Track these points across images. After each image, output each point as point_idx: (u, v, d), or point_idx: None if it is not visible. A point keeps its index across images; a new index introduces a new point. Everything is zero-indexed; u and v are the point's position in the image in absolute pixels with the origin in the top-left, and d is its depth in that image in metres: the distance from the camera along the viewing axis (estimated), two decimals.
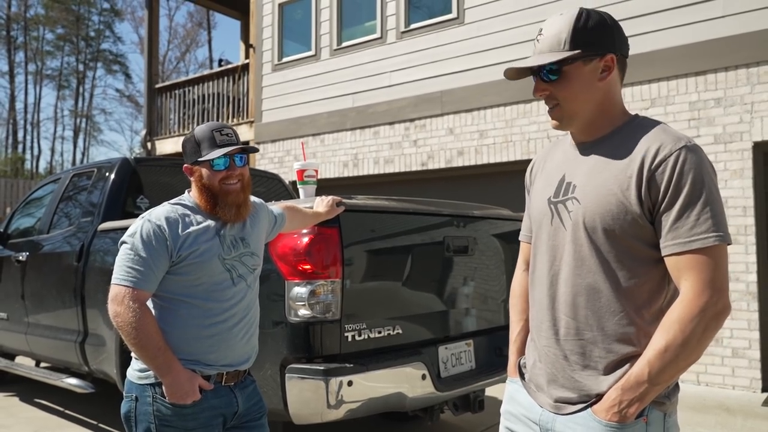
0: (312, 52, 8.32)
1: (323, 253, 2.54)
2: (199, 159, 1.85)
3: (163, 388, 1.74)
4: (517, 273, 1.66)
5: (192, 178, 1.92)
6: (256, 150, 1.95)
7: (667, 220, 1.25)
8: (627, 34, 5.43)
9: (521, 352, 1.57)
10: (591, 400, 1.31)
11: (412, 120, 7.29)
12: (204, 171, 1.87)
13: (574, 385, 1.34)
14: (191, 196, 1.93)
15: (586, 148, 1.41)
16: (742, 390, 4.98)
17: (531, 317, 1.50)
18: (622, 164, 1.30)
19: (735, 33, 5.15)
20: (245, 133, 9.24)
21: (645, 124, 1.36)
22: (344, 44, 8.00)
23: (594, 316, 1.32)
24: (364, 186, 7.90)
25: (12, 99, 34.40)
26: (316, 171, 2.75)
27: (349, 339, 2.57)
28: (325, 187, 8.18)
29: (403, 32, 7.40)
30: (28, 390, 5.19)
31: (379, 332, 2.68)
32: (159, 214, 1.84)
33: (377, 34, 7.65)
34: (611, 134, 1.37)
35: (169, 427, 1.75)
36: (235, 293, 1.88)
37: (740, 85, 5.13)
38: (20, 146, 35.02)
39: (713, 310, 1.22)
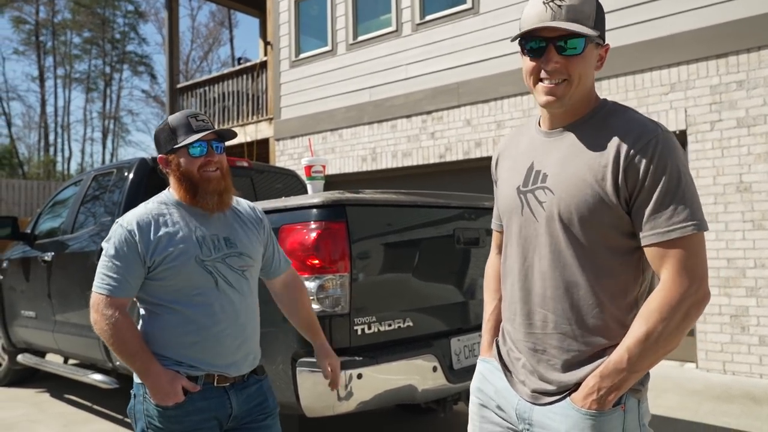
0: (328, 48, 8.35)
1: (331, 247, 2.56)
2: (176, 146, 1.77)
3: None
4: (490, 256, 1.66)
5: (168, 170, 1.83)
6: (234, 135, 1.87)
7: (646, 210, 1.24)
8: (645, 18, 5.36)
9: (495, 331, 1.56)
10: (568, 389, 1.31)
11: (429, 112, 7.27)
12: (182, 159, 1.78)
13: (551, 376, 1.33)
14: (170, 191, 1.85)
15: (555, 134, 1.37)
16: None
17: (504, 308, 1.48)
18: (595, 153, 1.28)
19: (757, 13, 5.01)
20: (265, 129, 9.33)
21: (615, 110, 1.34)
22: (360, 38, 8.00)
23: (571, 309, 1.31)
24: (382, 180, 7.92)
25: (43, 103, 35.23)
26: (324, 167, 2.77)
27: (359, 332, 2.59)
28: (343, 181, 8.24)
29: (419, 24, 7.38)
30: (58, 386, 5.34)
31: (389, 325, 2.69)
32: (131, 218, 1.77)
33: (393, 27, 7.63)
34: (583, 121, 1.34)
35: (157, 427, 1.71)
36: (219, 297, 1.77)
37: (763, 66, 4.99)
38: (51, 149, 35.87)
39: (693, 298, 1.22)
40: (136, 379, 1.78)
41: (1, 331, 5.19)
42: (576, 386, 1.29)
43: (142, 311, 1.82)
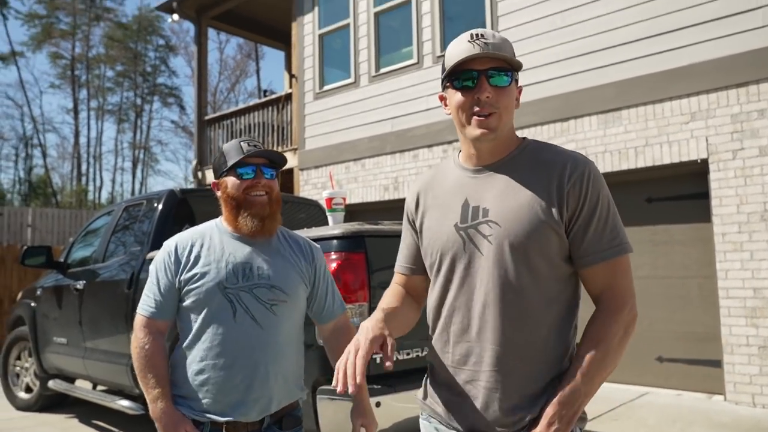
0: (351, 80, 8.54)
1: (351, 277, 2.63)
2: (226, 168, 1.77)
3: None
4: (388, 290, 1.58)
5: (218, 193, 1.83)
6: (284, 160, 1.83)
7: (586, 233, 1.31)
8: (665, 48, 5.42)
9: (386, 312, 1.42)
10: (525, 424, 1.29)
11: (450, 142, 7.37)
12: (230, 181, 1.78)
13: (511, 413, 1.30)
14: (221, 218, 1.85)
15: (485, 171, 1.39)
16: None
17: (441, 351, 1.41)
18: (536, 184, 1.32)
19: None
20: (290, 159, 9.51)
21: (541, 146, 1.41)
22: (382, 71, 8.18)
23: (525, 342, 1.30)
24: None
25: (76, 134, 36.34)
26: (344, 199, 2.87)
27: (378, 361, 2.64)
28: (366, 210, 8.34)
29: (439, 56, 7.52)
30: (86, 411, 5.46)
31: (408, 354, 2.74)
32: (174, 239, 1.79)
33: (414, 60, 7.80)
34: (511, 157, 1.38)
35: None
36: (234, 329, 1.69)
37: None
38: (84, 178, 36.86)
39: (630, 316, 1.30)
40: None
41: (34, 357, 5.34)
42: (533, 421, 1.28)
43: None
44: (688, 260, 5.64)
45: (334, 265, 2.64)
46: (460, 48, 1.34)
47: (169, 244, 1.80)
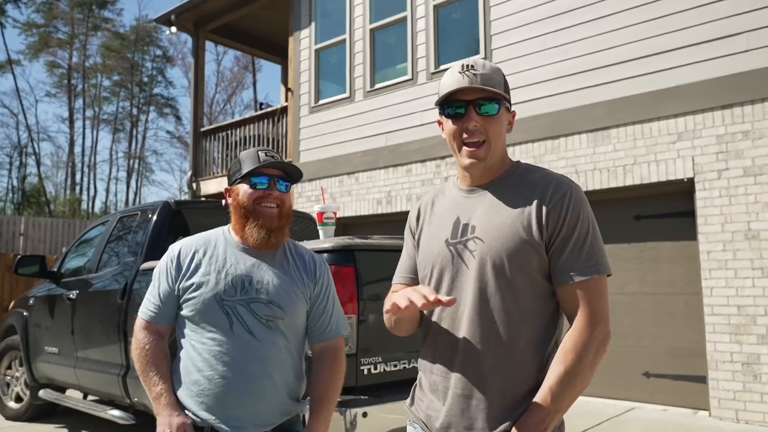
0: (347, 95, 8.65)
1: (341, 290, 2.70)
2: (240, 175, 1.75)
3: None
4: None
5: (230, 199, 1.80)
6: (300, 174, 1.82)
7: (563, 252, 1.36)
8: (653, 69, 5.59)
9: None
10: None
11: (443, 157, 7.47)
12: (242, 189, 1.75)
13: (485, 425, 1.35)
14: (229, 226, 1.83)
15: (477, 191, 1.48)
16: None
17: (429, 360, 1.49)
18: (520, 203, 1.40)
19: (760, 66, 5.17)
20: None
21: (531, 169, 1.49)
22: (377, 86, 8.30)
23: (502, 352, 1.36)
24: (397, 222, 8.07)
25: (71, 143, 36.36)
26: (335, 213, 2.94)
27: (365, 372, 2.71)
28: (359, 223, 8.41)
29: (433, 73, 7.65)
30: (77, 422, 5.46)
31: (395, 366, 2.80)
32: (179, 243, 1.78)
33: (408, 76, 7.92)
34: (501, 178, 1.47)
35: None
36: (230, 341, 1.67)
37: None
38: (78, 188, 36.81)
39: (601, 337, 1.34)
40: None
41: (25, 367, 5.36)
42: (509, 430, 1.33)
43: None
44: (674, 277, 5.73)
45: None
46: (452, 79, 1.44)
47: (173, 249, 1.79)
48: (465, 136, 1.42)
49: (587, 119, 6.16)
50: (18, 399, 5.69)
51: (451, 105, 1.44)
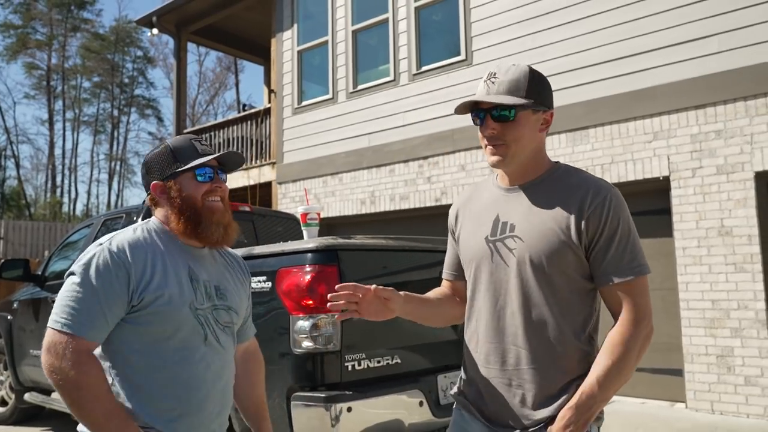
0: (329, 96, 8.71)
1: (324, 288, 2.76)
2: (181, 168, 1.55)
3: None
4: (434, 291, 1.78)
5: (162, 198, 1.58)
6: (241, 160, 1.67)
7: (606, 255, 1.45)
8: (630, 70, 5.71)
9: (412, 296, 1.66)
10: (542, 423, 1.45)
11: (425, 158, 7.56)
12: (184, 183, 1.55)
13: (526, 411, 1.47)
14: (157, 221, 1.60)
15: (516, 190, 1.56)
16: (756, 418, 4.99)
17: (472, 350, 1.60)
18: (559, 206, 1.48)
19: (731, 68, 5.32)
20: (268, 173, 9.63)
21: (571, 171, 1.56)
22: (360, 87, 8.37)
23: (541, 345, 1.47)
24: (380, 222, 8.16)
25: (51, 145, 35.96)
26: (318, 214, 3.01)
27: (350, 368, 2.78)
28: (343, 223, 8.48)
29: (415, 74, 7.74)
30: (63, 424, 5.47)
31: (378, 362, 2.88)
32: (121, 241, 1.48)
33: (391, 77, 8.00)
34: (541, 179, 1.55)
35: None
36: (206, 355, 1.52)
37: (739, 117, 5.27)
38: (59, 190, 36.41)
39: (646, 331, 1.44)
40: None
41: (9, 370, 5.35)
42: (550, 419, 1.43)
43: (104, 364, 1.47)
44: (652, 274, 5.84)
45: (308, 277, 2.78)
46: (479, 88, 1.54)
47: (117, 245, 1.46)
48: (485, 142, 1.53)
49: (566, 119, 6.29)
50: (3, 403, 5.68)
51: (476, 114, 1.55)
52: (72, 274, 1.45)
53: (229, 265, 1.72)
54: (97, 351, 1.46)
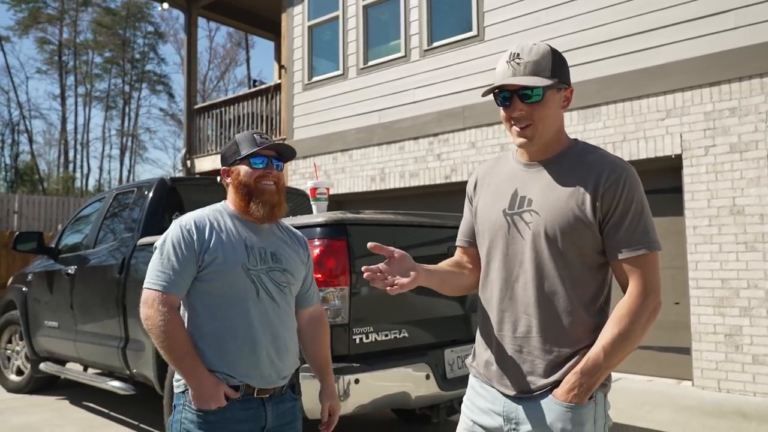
0: (340, 72, 8.67)
1: (333, 262, 2.80)
2: (239, 157, 1.91)
3: (189, 393, 1.76)
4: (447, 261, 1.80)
5: (229, 180, 1.96)
6: (293, 153, 2.00)
7: (618, 230, 1.48)
8: (642, 47, 5.64)
9: (431, 270, 1.66)
10: (548, 387, 1.50)
11: (435, 135, 7.53)
12: (242, 169, 1.91)
13: (535, 376, 1.53)
14: (226, 203, 1.98)
15: (535, 166, 1.59)
16: (763, 397, 5.01)
17: (486, 318, 1.65)
18: (576, 182, 1.51)
19: (748, 44, 5.23)
20: None
21: (588, 149, 1.59)
22: (370, 63, 8.31)
23: (552, 315, 1.51)
24: (390, 199, 8.16)
25: (63, 121, 36.10)
26: (328, 189, 3.03)
27: (357, 341, 2.82)
28: (353, 200, 8.50)
29: (426, 50, 7.67)
30: (78, 393, 5.60)
31: (386, 335, 2.92)
32: (189, 218, 1.88)
33: (401, 53, 7.93)
34: (559, 156, 1.58)
35: None
36: (258, 308, 1.85)
37: (754, 94, 5.20)
38: (71, 165, 36.65)
39: (653, 305, 1.48)
40: (176, 390, 1.85)
41: (25, 341, 5.47)
42: (556, 383, 1.49)
43: (184, 313, 1.89)
44: (662, 252, 5.83)
45: (317, 251, 2.80)
46: (499, 69, 1.55)
47: (186, 221, 1.87)
48: (512, 122, 1.55)
49: (578, 96, 6.21)
50: (19, 372, 5.80)
51: (499, 95, 1.56)
52: (156, 247, 1.86)
53: (287, 237, 2.04)
54: (183, 305, 1.86)
